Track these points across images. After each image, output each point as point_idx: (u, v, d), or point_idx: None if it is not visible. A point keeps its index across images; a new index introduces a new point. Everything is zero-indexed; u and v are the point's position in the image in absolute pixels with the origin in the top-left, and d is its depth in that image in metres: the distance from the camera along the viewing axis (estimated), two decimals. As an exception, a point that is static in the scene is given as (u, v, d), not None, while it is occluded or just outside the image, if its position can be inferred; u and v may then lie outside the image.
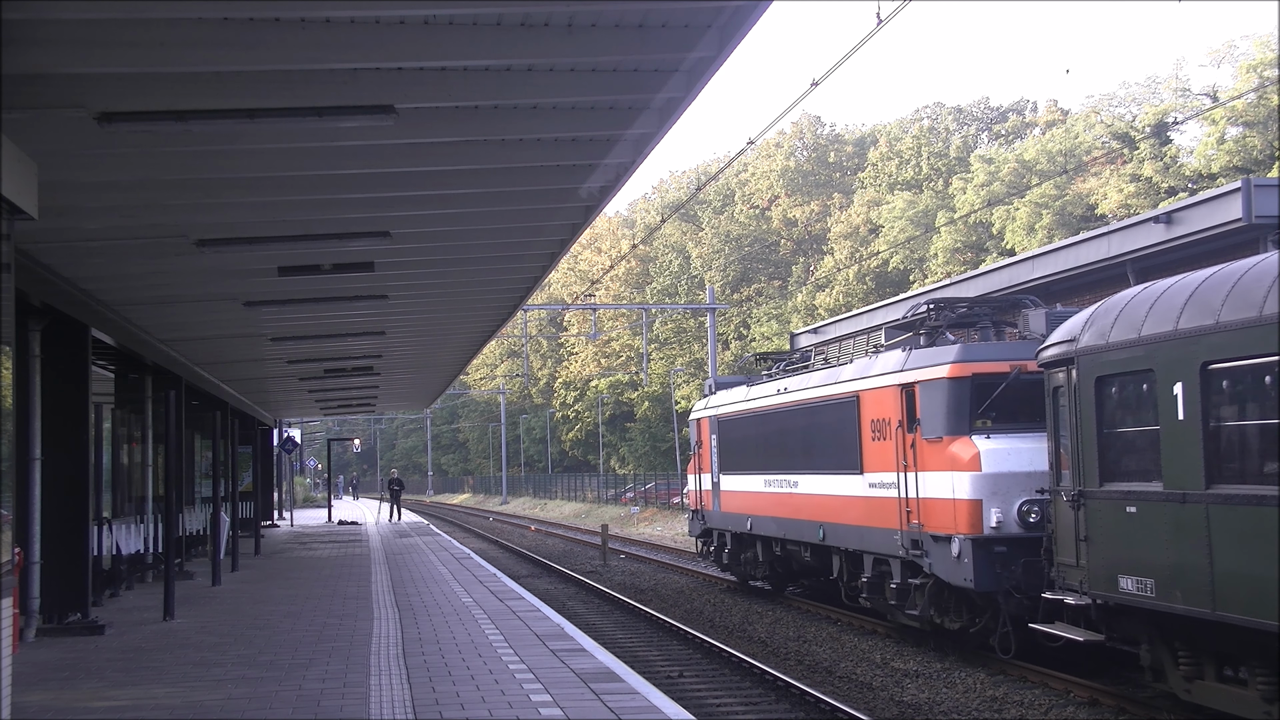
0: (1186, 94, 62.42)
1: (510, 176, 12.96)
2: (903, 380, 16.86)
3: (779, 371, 23.73)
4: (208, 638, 15.06)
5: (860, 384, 18.35)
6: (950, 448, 15.77)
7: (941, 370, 16.10)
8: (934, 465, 16.04)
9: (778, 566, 23.31)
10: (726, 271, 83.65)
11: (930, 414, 16.18)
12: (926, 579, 16.36)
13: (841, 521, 19.04)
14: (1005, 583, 14.90)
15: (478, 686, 11.17)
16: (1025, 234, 60.85)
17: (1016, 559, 14.86)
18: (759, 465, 23.04)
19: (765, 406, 22.75)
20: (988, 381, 15.68)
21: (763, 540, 23.30)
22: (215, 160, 11.45)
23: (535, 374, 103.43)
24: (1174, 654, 11.71)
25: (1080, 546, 12.60)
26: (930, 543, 16.08)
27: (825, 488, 19.70)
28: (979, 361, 15.94)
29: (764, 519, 22.78)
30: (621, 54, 9.59)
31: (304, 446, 74.54)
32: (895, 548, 17.00)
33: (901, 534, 16.79)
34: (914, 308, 18.55)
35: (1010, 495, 15.08)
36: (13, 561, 9.95)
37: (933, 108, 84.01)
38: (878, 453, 17.61)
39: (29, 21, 8.01)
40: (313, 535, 39.98)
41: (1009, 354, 15.97)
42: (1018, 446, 15.29)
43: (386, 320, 22.24)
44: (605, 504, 70.26)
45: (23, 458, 14.59)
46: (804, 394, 20.80)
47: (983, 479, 15.22)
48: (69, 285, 15.51)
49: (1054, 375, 13.47)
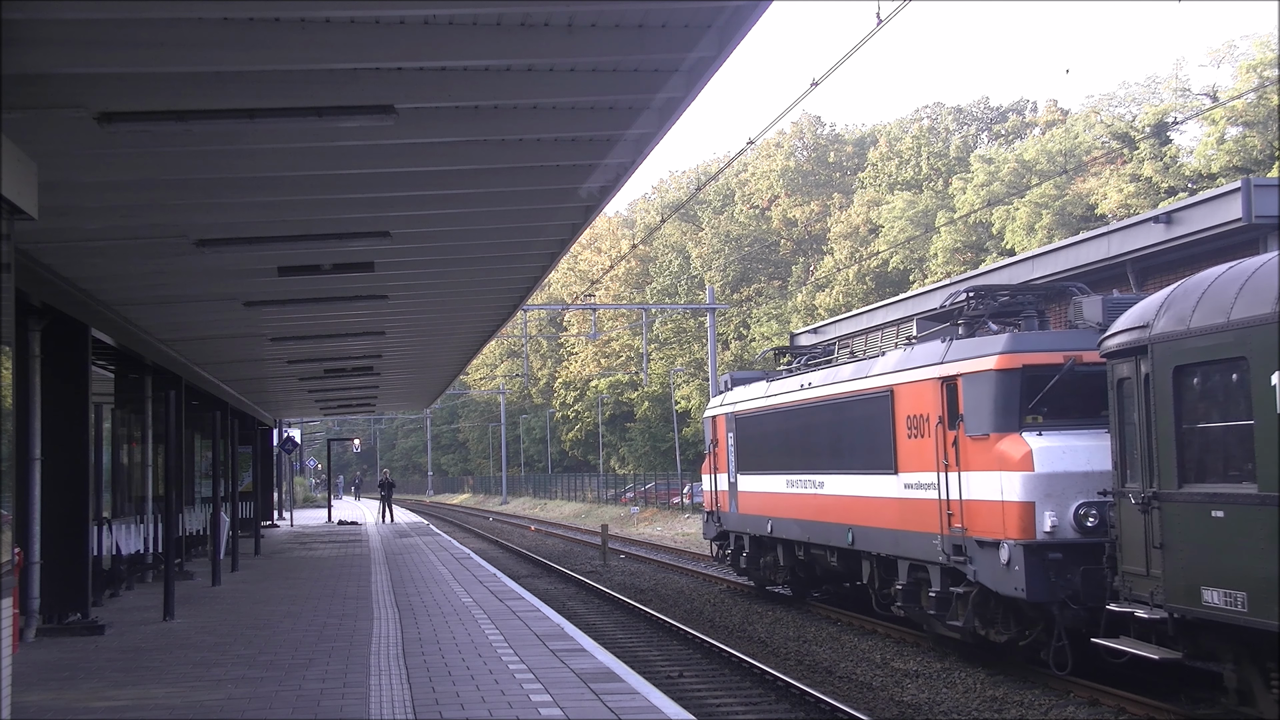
0: (1186, 94, 62.44)
1: (510, 176, 12.96)
2: (943, 373, 15.71)
3: (801, 366, 22.62)
4: (208, 638, 15.06)
5: (894, 378, 17.19)
6: (998, 446, 14.65)
7: (988, 361, 14.94)
8: (980, 465, 14.90)
9: (800, 572, 22.26)
10: (726, 271, 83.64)
11: (975, 409, 15.03)
12: (970, 587, 15.23)
13: (873, 525, 17.94)
14: (1060, 592, 13.79)
15: (478, 686, 11.18)
16: (1025, 234, 60.85)
17: (1073, 567, 13.77)
18: (781, 465, 21.95)
19: (788, 403, 21.56)
20: (1039, 374, 14.53)
21: (784, 544, 22.20)
22: (215, 160, 11.45)
23: (535, 374, 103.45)
24: (1265, 675, 10.62)
25: (1153, 554, 11.49)
26: (975, 548, 14.96)
27: (855, 489, 18.64)
28: (1030, 352, 14.73)
29: (786, 521, 21.70)
30: (621, 54, 9.59)
31: (304, 446, 74.55)
32: (934, 553, 15.89)
33: (942, 539, 15.67)
34: (951, 296, 17.31)
35: (1065, 497, 13.99)
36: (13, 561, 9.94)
37: (933, 108, 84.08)
38: (914, 451, 16.54)
39: (29, 21, 8.02)
40: (313, 535, 39.98)
41: (1062, 343, 14.83)
42: (1073, 444, 14.22)
43: (386, 320, 22.25)
44: (605, 504, 70.25)
45: (23, 458, 14.59)
46: (831, 389, 19.63)
47: (1035, 480, 14.09)
48: (69, 285, 15.51)
49: (1120, 365, 12.36)
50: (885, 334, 19.84)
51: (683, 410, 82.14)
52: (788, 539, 21.82)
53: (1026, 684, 14.79)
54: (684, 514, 54.27)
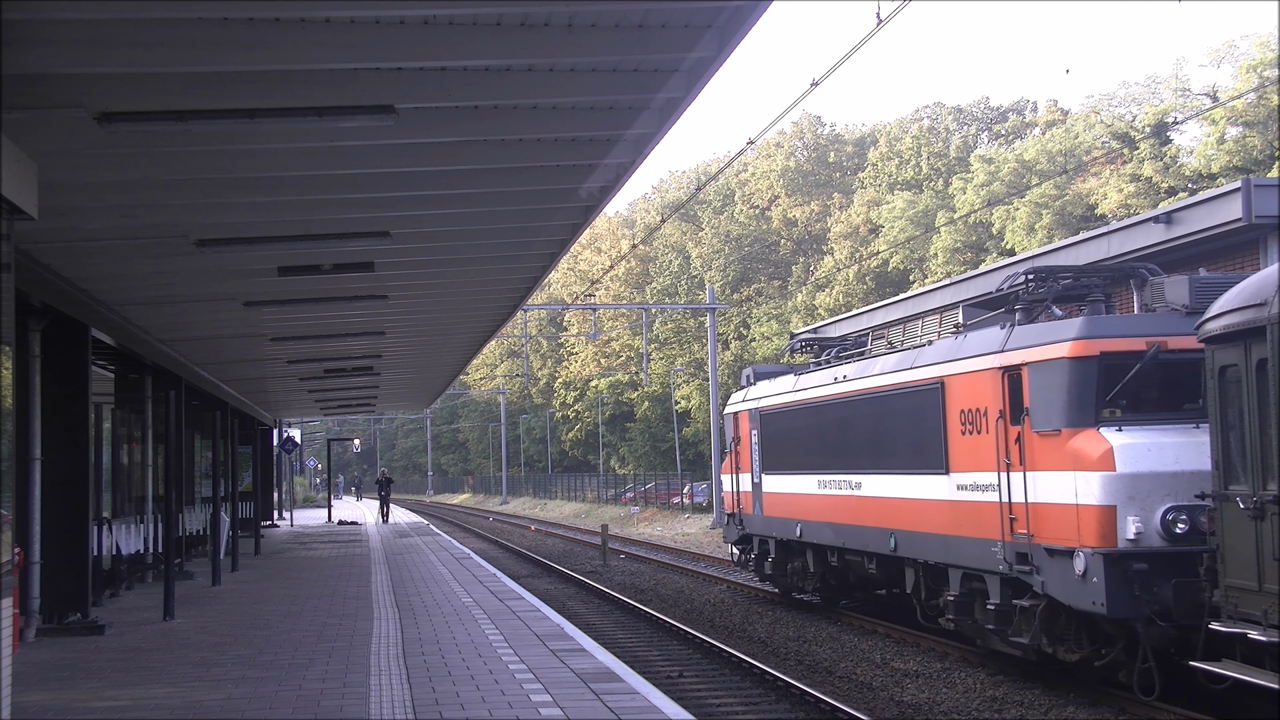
0: (1186, 94, 62.41)
1: (510, 176, 12.97)
2: (1004, 362, 14.29)
3: (833, 358, 21.18)
4: (208, 638, 15.06)
5: (945, 368, 15.79)
6: (1072, 443, 13.17)
7: (1060, 349, 13.43)
8: (1049, 464, 13.45)
9: (831, 579, 20.81)
10: (726, 271, 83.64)
11: (1044, 402, 13.56)
12: (1036, 600, 13.83)
13: (919, 529, 16.50)
14: (1146, 608, 12.34)
15: (478, 686, 11.18)
16: (1025, 234, 60.83)
17: (1160, 579, 12.33)
18: (811, 464, 20.48)
19: (820, 397, 20.09)
20: (1118, 362, 13.10)
21: (814, 549, 20.76)
22: (215, 160, 11.45)
23: (535, 374, 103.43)
24: None
25: (1268, 567, 10.19)
26: (1043, 557, 13.51)
27: (898, 490, 17.19)
28: (1108, 337, 13.27)
29: (817, 525, 20.24)
30: (621, 54, 9.60)
31: (304, 446, 74.55)
32: (994, 562, 14.50)
33: (1003, 545, 14.25)
34: (1009, 279, 15.65)
35: (1151, 501, 12.54)
36: (13, 561, 9.95)
37: (933, 108, 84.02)
38: (969, 449, 15.13)
39: (29, 21, 8.01)
40: (313, 535, 39.98)
41: (1143, 328, 13.39)
42: (1158, 441, 12.78)
43: (386, 320, 22.25)
44: (605, 504, 70.27)
45: (23, 458, 14.59)
46: (870, 382, 18.15)
47: (1117, 480, 12.63)
48: (69, 285, 15.51)
49: (1223, 351, 11.10)
50: (926, 323, 18.55)
51: (683, 410, 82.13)
52: (819, 544, 20.45)
53: (1027, 684, 14.78)
54: (684, 514, 54.27)
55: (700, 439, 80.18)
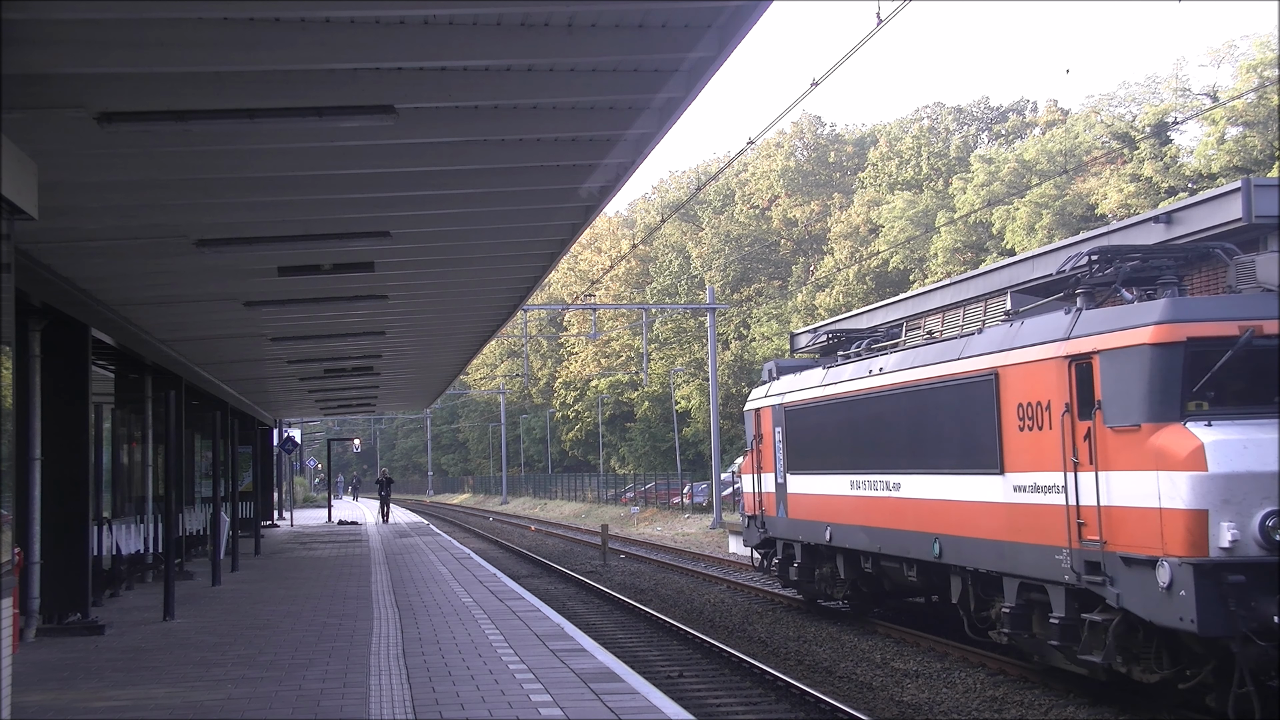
0: (1186, 94, 62.42)
1: (510, 176, 12.97)
2: (1071, 350, 12.98)
3: (864, 350, 19.87)
4: (208, 638, 15.06)
5: (999, 358, 14.47)
6: (1155, 439, 11.83)
7: (1140, 334, 12.12)
8: (1127, 463, 12.15)
9: (864, 586, 19.57)
10: (726, 271, 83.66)
11: (1120, 393, 12.24)
12: (1109, 614, 12.50)
13: (968, 534, 15.22)
14: (1243, 625, 11.03)
15: (478, 686, 11.18)
16: (1025, 234, 60.85)
17: (1260, 593, 11.08)
18: (843, 463, 19.16)
19: (852, 391, 18.76)
20: (1206, 349, 11.80)
21: (845, 554, 19.48)
22: (215, 160, 11.46)
23: (535, 374, 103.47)
24: None
25: None
26: (1118, 566, 12.19)
27: (943, 491, 15.90)
28: (1195, 321, 11.95)
29: (849, 528, 18.93)
30: (621, 54, 9.60)
31: (304, 446, 74.55)
32: (1058, 571, 13.19)
33: (1070, 553, 12.91)
34: (1071, 259, 14.39)
35: (1248, 504, 11.24)
36: (13, 561, 9.95)
37: (933, 108, 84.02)
38: (1027, 446, 13.83)
39: (29, 21, 8.02)
40: (313, 535, 39.98)
41: (1233, 311, 12.04)
42: (1255, 437, 11.47)
43: (386, 320, 22.26)
44: (605, 504, 70.27)
45: (23, 458, 14.59)
46: (910, 374, 16.87)
47: (1209, 481, 11.33)
48: (69, 285, 15.51)
49: None
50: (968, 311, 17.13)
51: (683, 410, 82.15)
52: (851, 548, 19.11)
53: (1026, 684, 14.78)
54: (684, 514, 54.26)
55: (700, 439, 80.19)
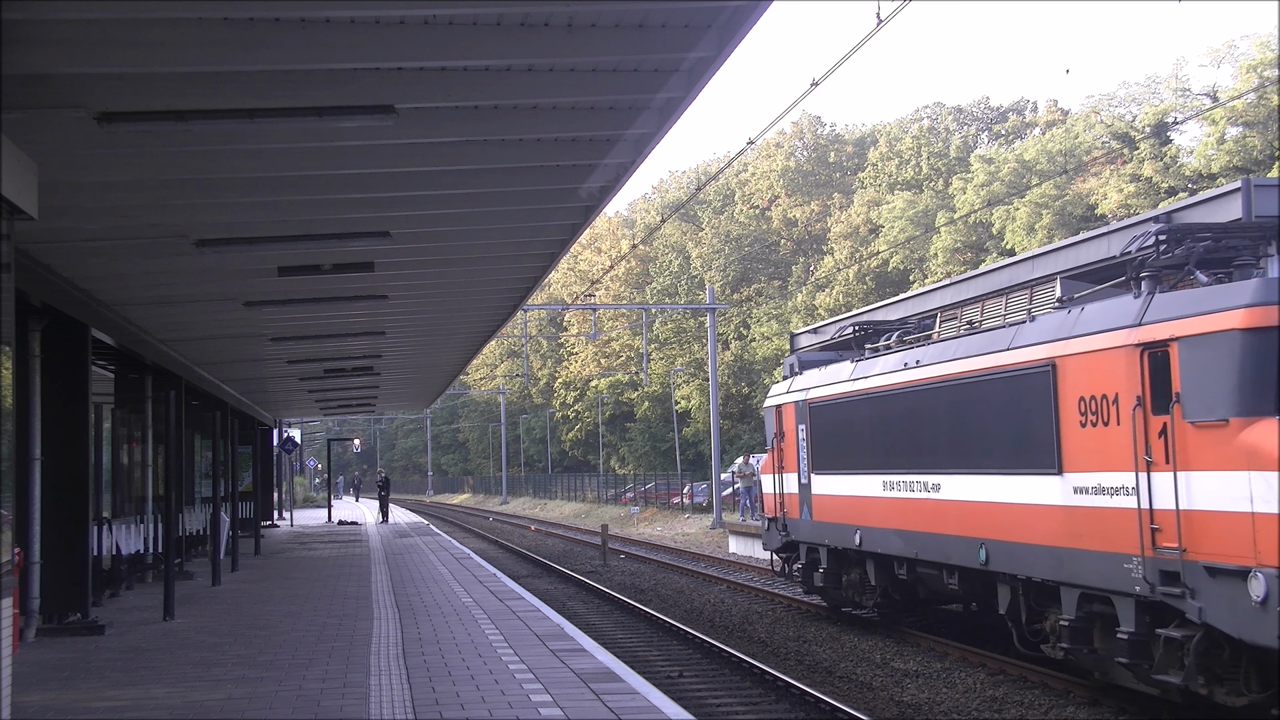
0: (1186, 94, 62.42)
1: (510, 176, 12.97)
2: (1145, 338, 11.85)
3: (896, 343, 18.68)
4: (208, 638, 15.06)
5: (1056, 348, 13.36)
6: (1246, 435, 10.77)
7: (1229, 318, 11.04)
8: (1211, 462, 11.09)
9: (895, 593, 18.48)
10: (726, 271, 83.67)
11: (1203, 384, 11.18)
12: (1190, 630, 11.40)
13: (1020, 539, 14.09)
14: None
15: (478, 686, 11.18)
16: (1025, 234, 60.86)
17: None
18: (875, 462, 18.05)
19: (885, 385, 17.66)
20: None
21: (876, 559, 18.38)
22: (215, 160, 11.46)
23: (535, 374, 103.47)
24: None
25: None
26: (1201, 577, 11.12)
27: (991, 492, 14.79)
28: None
29: (881, 532, 17.88)
30: (621, 54, 9.60)
31: (304, 446, 74.56)
32: (1127, 581, 12.04)
33: (1142, 562, 11.80)
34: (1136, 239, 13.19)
35: None
36: (13, 561, 9.94)
37: (933, 108, 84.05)
38: (1090, 443, 12.73)
39: (29, 21, 8.02)
40: (313, 535, 39.98)
41: None
42: None
43: (386, 320, 22.26)
44: (605, 504, 70.24)
45: (23, 458, 14.59)
46: (951, 366, 15.76)
47: None
48: (69, 285, 15.51)
49: None
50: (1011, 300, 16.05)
51: (683, 410, 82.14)
52: (883, 553, 18.01)
53: (1026, 684, 14.78)
54: (684, 514, 54.22)
55: (700, 439, 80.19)
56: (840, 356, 20.96)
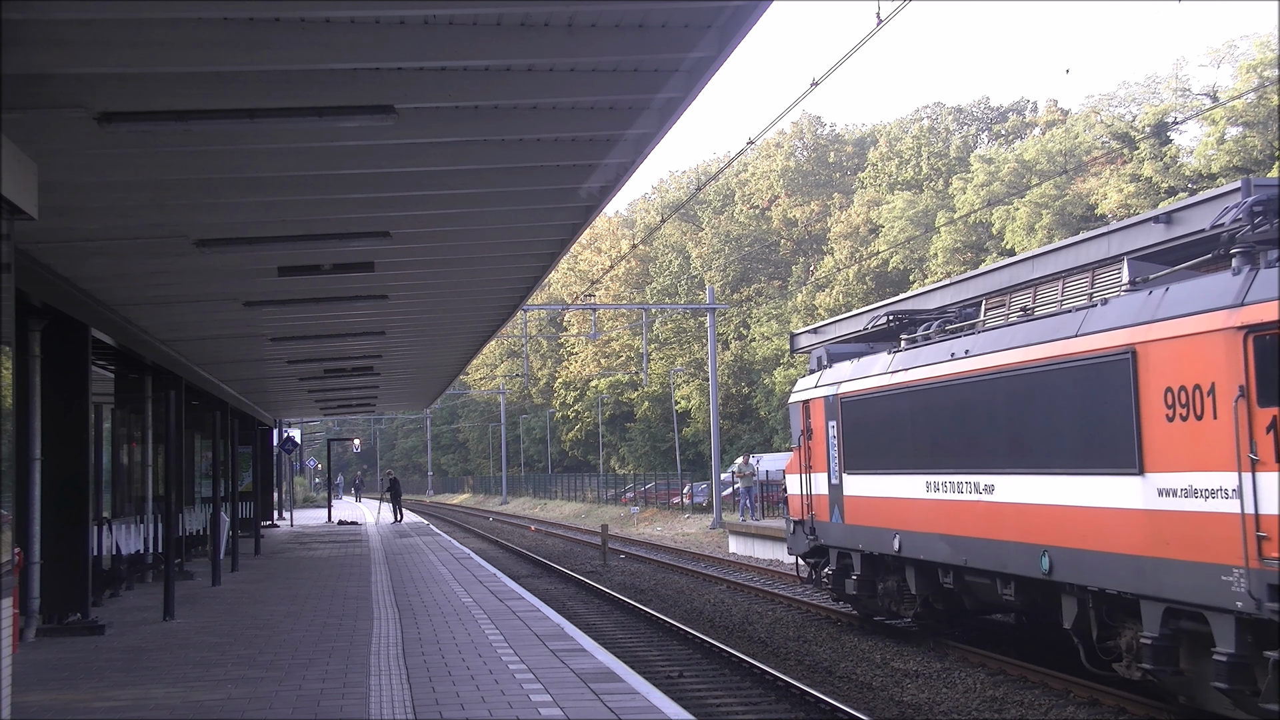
0: (1186, 94, 62.43)
1: (510, 176, 12.97)
2: (1248, 319, 10.52)
3: (938, 333, 17.33)
4: (208, 638, 15.06)
5: (1137, 332, 11.97)
6: None
7: None
8: None
9: (939, 603, 17.09)
10: (726, 271, 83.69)
11: None
12: None
13: (1091, 547, 12.73)
14: None
15: (478, 686, 11.17)
16: (1025, 234, 60.88)
17: None
18: (917, 461, 16.70)
19: (929, 378, 16.33)
20: None
21: (917, 566, 17.02)
22: (215, 160, 11.46)
23: (535, 374, 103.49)
24: None
25: None
26: None
27: (1055, 495, 13.39)
28: None
29: (924, 537, 16.51)
30: (621, 54, 9.60)
31: (304, 446, 74.56)
32: (1225, 595, 10.70)
33: (1245, 574, 10.46)
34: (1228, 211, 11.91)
35: None
36: (13, 561, 9.94)
37: (933, 108, 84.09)
38: (1180, 439, 11.33)
39: (29, 22, 8.02)
40: (313, 535, 39.98)
41: None
42: None
43: (386, 320, 22.26)
44: (605, 504, 70.25)
45: (23, 458, 14.59)
46: (1008, 356, 14.39)
47: None
48: (69, 285, 15.51)
49: None
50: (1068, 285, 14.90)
51: (683, 410, 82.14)
52: (926, 560, 16.64)
53: (1026, 684, 14.78)
54: (684, 514, 54.23)
55: (700, 439, 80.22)
56: (873, 348, 19.55)
